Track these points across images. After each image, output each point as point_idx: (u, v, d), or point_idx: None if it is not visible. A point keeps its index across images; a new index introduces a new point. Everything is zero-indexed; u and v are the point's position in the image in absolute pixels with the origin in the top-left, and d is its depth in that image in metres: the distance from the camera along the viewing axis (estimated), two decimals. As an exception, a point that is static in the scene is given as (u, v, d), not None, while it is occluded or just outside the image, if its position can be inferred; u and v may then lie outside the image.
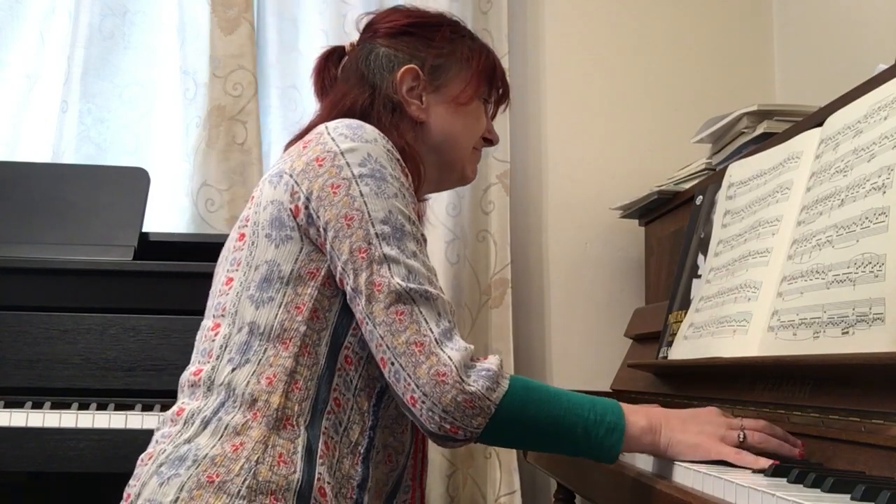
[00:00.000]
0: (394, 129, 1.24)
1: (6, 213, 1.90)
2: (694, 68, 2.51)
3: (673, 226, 2.01)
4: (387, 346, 1.07)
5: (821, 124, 1.32)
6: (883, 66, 1.26)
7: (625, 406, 1.12)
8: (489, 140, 1.40)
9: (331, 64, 1.37)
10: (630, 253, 2.43)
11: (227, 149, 2.19)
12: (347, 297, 1.11)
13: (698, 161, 1.96)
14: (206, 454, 1.06)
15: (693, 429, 1.11)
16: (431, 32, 1.32)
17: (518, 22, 2.46)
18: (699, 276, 1.58)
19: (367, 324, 1.09)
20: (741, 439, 1.09)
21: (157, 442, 1.13)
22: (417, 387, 1.05)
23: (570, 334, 2.41)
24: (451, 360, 1.05)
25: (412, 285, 1.08)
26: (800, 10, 2.40)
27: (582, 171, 2.46)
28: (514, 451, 2.23)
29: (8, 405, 1.67)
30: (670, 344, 1.57)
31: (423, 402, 1.04)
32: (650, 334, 1.86)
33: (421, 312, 1.07)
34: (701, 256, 1.61)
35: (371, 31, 1.34)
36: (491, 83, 1.36)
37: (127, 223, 1.93)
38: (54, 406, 1.68)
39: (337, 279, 1.12)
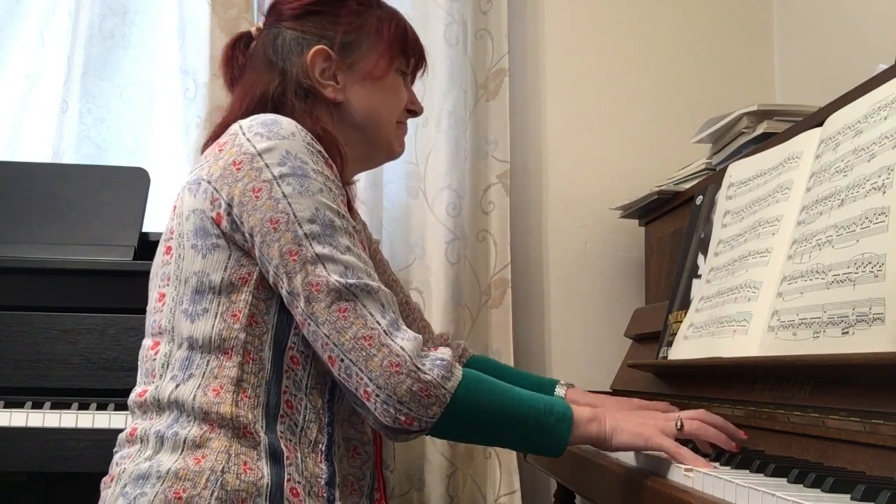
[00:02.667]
0: (307, 116, 1.20)
1: (6, 213, 1.90)
2: (694, 68, 2.51)
3: (673, 226, 2.01)
4: (333, 343, 1.05)
5: (821, 124, 1.32)
6: (883, 66, 1.26)
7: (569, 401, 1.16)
8: (413, 111, 1.36)
9: (238, 52, 1.31)
10: (630, 253, 2.43)
11: (227, 149, 2.19)
12: (285, 300, 1.09)
13: (698, 161, 1.96)
14: (169, 468, 1.04)
15: (635, 419, 1.15)
16: (337, 8, 1.28)
17: (518, 22, 2.46)
18: (699, 276, 1.58)
19: (309, 325, 1.06)
20: (678, 427, 1.12)
21: (116, 464, 1.12)
22: (371, 380, 1.03)
23: (570, 334, 2.41)
24: (403, 349, 1.04)
25: (351, 280, 1.06)
26: (800, 10, 2.40)
27: (582, 171, 2.46)
28: (515, 451, 2.22)
29: (8, 405, 1.67)
30: (670, 344, 1.57)
31: (378, 395, 1.03)
32: (650, 334, 1.86)
33: (365, 306, 1.05)
34: (701, 256, 1.61)
35: (275, 14, 1.30)
36: (404, 52, 1.32)
37: (127, 223, 1.93)
38: (54, 406, 1.68)
39: (272, 283, 1.10)
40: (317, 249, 1.06)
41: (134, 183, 1.98)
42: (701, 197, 1.70)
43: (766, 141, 1.58)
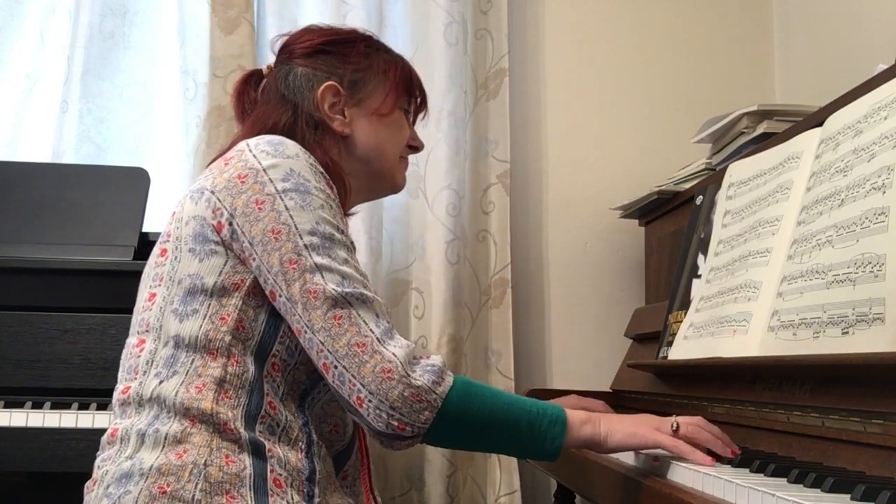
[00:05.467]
0: (318, 146, 1.26)
1: (6, 213, 1.90)
2: (694, 68, 2.51)
3: (673, 226, 2.01)
4: (328, 350, 1.07)
5: (821, 124, 1.32)
6: (883, 66, 1.26)
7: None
8: (414, 147, 1.43)
9: (249, 87, 1.38)
10: (630, 253, 2.43)
11: (227, 149, 2.19)
12: (282, 309, 1.11)
13: (698, 161, 1.96)
14: (152, 465, 1.06)
15: (630, 420, 1.16)
16: (347, 49, 1.35)
17: (518, 22, 2.46)
18: (699, 276, 1.58)
19: (305, 332, 1.09)
20: (674, 428, 1.14)
21: (98, 467, 1.13)
22: (363, 386, 1.05)
23: (570, 334, 2.41)
24: (395, 356, 1.06)
25: (347, 290, 1.09)
26: (800, 10, 2.40)
27: (582, 172, 2.46)
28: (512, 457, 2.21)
29: (8, 405, 1.67)
30: (670, 344, 1.57)
31: (370, 401, 1.05)
32: (650, 334, 1.86)
33: (359, 315, 1.08)
34: (701, 256, 1.61)
35: (287, 52, 1.36)
36: (409, 92, 1.40)
37: (127, 223, 1.93)
38: (54, 406, 1.68)
39: (268, 293, 1.12)
40: (316, 259, 1.10)
41: (134, 183, 1.98)
42: (701, 197, 1.70)
43: (766, 141, 1.58)
